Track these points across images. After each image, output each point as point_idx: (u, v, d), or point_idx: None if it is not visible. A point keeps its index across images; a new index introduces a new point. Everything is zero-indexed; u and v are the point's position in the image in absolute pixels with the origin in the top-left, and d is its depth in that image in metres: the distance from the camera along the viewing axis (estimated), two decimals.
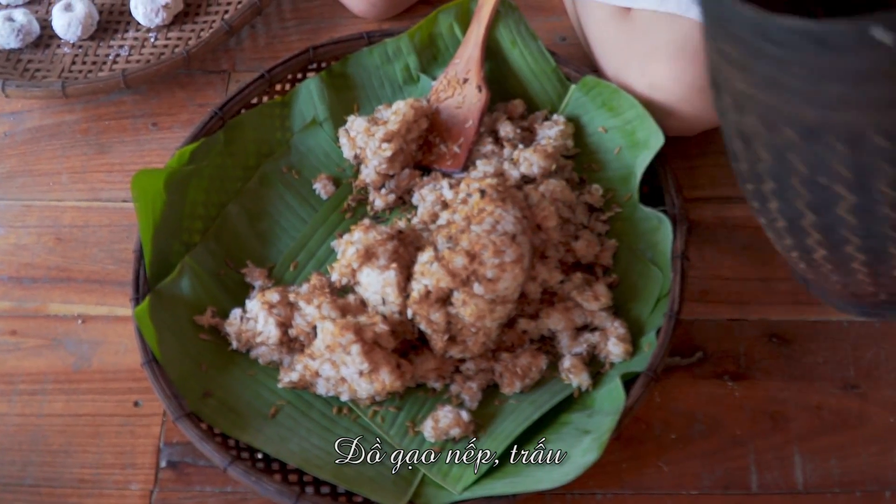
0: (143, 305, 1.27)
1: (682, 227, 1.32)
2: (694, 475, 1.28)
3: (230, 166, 1.44)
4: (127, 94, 1.64)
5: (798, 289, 1.41)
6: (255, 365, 1.32)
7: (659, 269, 1.32)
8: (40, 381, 1.38)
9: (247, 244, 1.42)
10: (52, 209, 1.53)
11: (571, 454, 1.19)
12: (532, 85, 1.50)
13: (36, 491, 1.31)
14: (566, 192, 1.37)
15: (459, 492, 1.20)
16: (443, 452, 1.25)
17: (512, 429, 1.24)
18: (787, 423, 1.32)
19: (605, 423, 1.19)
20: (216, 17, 1.69)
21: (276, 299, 1.31)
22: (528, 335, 1.32)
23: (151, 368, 1.25)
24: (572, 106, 1.48)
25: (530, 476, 1.19)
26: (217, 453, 1.20)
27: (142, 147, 1.59)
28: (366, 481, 1.22)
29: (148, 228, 1.33)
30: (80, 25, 1.65)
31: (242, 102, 1.47)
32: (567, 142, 1.44)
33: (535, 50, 1.50)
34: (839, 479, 1.28)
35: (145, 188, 1.33)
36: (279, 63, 1.49)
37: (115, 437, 1.34)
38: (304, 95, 1.51)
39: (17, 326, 1.43)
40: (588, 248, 1.35)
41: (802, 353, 1.37)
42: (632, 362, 1.27)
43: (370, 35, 1.53)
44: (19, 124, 1.63)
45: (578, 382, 1.28)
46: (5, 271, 1.48)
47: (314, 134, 1.49)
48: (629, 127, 1.41)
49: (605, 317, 1.31)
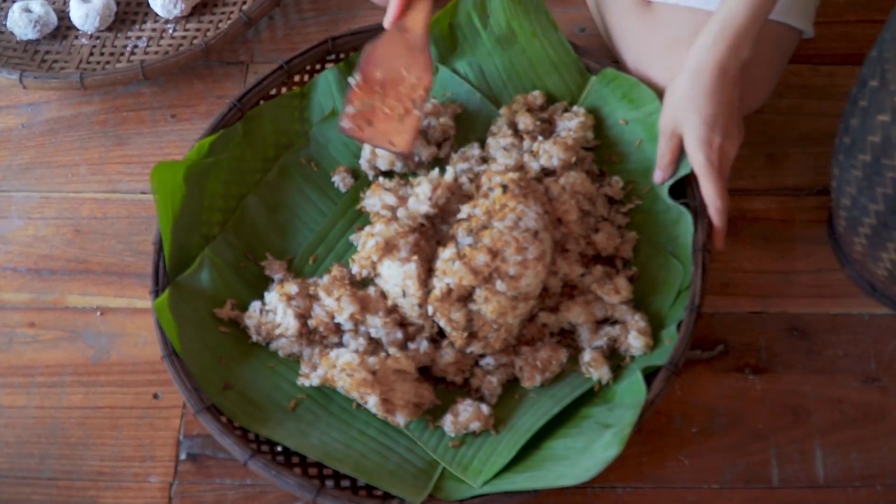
0: (163, 298, 1.27)
1: (703, 220, 1.31)
2: (715, 469, 1.28)
3: (249, 158, 1.44)
4: (145, 86, 1.64)
5: (819, 281, 1.40)
6: (275, 357, 1.32)
7: (680, 262, 1.32)
8: (59, 373, 1.38)
9: (266, 236, 1.41)
10: (71, 201, 1.53)
11: (592, 449, 1.19)
12: (552, 76, 1.49)
13: (54, 484, 1.31)
14: (586, 185, 1.36)
15: (479, 486, 1.20)
16: (463, 446, 1.25)
17: (532, 423, 1.24)
18: (808, 417, 1.31)
19: (627, 417, 1.19)
20: (234, 8, 1.68)
21: (296, 291, 1.31)
22: (549, 329, 1.32)
23: (172, 361, 1.25)
24: (592, 97, 1.47)
25: (551, 471, 1.19)
26: (237, 447, 1.20)
27: (160, 139, 1.59)
28: (386, 475, 1.21)
29: (167, 221, 1.33)
30: (98, 16, 1.65)
31: (261, 94, 1.46)
32: (587, 133, 1.43)
33: (555, 41, 1.49)
34: (860, 473, 1.28)
35: (164, 181, 1.33)
36: (298, 54, 1.49)
37: (135, 429, 1.34)
38: (322, 86, 1.50)
39: (35, 319, 1.43)
40: (608, 241, 1.35)
41: (823, 347, 1.36)
42: (652, 356, 1.27)
43: None
44: (37, 115, 1.62)
45: (599, 376, 1.27)
46: (24, 263, 1.48)
47: (333, 125, 1.48)
48: (650, 119, 1.40)
49: (626, 310, 1.30)
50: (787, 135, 1.53)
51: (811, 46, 1.56)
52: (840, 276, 1.41)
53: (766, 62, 1.39)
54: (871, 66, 1.17)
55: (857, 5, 1.66)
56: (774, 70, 1.43)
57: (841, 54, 1.60)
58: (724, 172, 1.30)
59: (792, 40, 1.44)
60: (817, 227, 1.45)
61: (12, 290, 1.46)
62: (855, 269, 1.38)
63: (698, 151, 1.27)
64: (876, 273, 1.32)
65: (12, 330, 1.42)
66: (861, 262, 1.34)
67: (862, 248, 1.30)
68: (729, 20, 1.23)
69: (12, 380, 1.38)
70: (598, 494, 1.27)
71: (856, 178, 1.22)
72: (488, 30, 1.49)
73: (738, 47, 1.24)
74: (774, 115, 1.54)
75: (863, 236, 1.27)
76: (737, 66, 1.25)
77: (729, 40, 1.23)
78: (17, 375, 1.38)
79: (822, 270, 1.42)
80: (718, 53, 1.24)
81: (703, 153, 1.27)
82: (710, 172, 1.28)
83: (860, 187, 1.21)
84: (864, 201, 1.22)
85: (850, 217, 1.27)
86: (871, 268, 1.32)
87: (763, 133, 1.52)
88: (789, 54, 1.46)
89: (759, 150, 1.51)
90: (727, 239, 1.36)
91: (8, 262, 1.48)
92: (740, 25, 1.22)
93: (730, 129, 1.28)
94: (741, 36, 1.23)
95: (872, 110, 1.15)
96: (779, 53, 1.42)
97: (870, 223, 1.24)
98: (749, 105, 1.41)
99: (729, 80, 1.25)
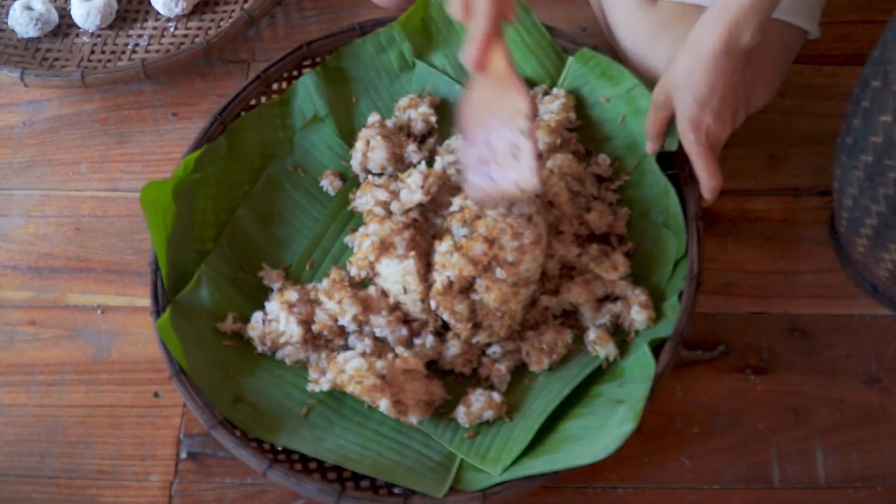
0: (165, 317, 1.27)
1: (695, 189, 1.32)
2: (716, 469, 1.28)
3: (235, 170, 1.44)
4: (146, 84, 1.64)
5: (820, 282, 1.40)
6: (282, 366, 1.32)
7: (672, 233, 1.32)
8: (59, 371, 1.38)
9: (260, 247, 1.41)
10: (72, 199, 1.53)
11: (608, 426, 1.18)
12: (528, 61, 1.49)
13: (54, 482, 1.31)
14: (573, 165, 1.37)
15: (499, 473, 1.20)
16: (478, 436, 1.25)
17: (544, 406, 1.24)
18: (809, 418, 1.31)
19: (638, 391, 1.19)
20: (235, 6, 1.68)
21: (296, 298, 1.31)
22: (551, 311, 1.32)
23: (180, 380, 1.24)
24: (571, 78, 1.48)
25: (569, 451, 1.18)
26: (255, 458, 1.19)
27: (161, 137, 1.59)
28: (405, 472, 1.22)
29: (161, 240, 1.32)
30: (99, 14, 1.65)
31: (241, 105, 1.46)
32: (569, 115, 1.43)
33: (529, 25, 1.49)
34: (861, 474, 1.28)
35: (154, 200, 1.33)
36: (274, 62, 1.49)
37: (135, 427, 1.34)
38: (301, 92, 1.50)
39: (36, 317, 1.43)
40: (601, 219, 1.35)
41: (824, 347, 1.36)
42: (657, 328, 1.27)
43: (362, 26, 1.52)
44: (38, 113, 1.62)
45: (605, 353, 1.28)
46: (24, 261, 1.48)
47: (316, 130, 1.48)
48: (631, 94, 1.41)
49: (626, 285, 1.31)
50: (788, 135, 1.53)
51: (813, 46, 1.56)
52: (841, 276, 1.41)
53: (771, 62, 1.39)
54: (873, 67, 1.17)
55: (860, 5, 1.66)
56: (779, 70, 1.43)
57: (843, 54, 1.60)
58: (715, 151, 1.30)
59: (797, 40, 1.44)
60: (819, 228, 1.45)
61: (13, 289, 1.46)
62: (856, 270, 1.38)
63: (688, 131, 1.27)
64: (877, 274, 1.32)
65: (13, 328, 1.42)
66: (863, 262, 1.34)
67: (863, 249, 1.30)
68: (732, 2, 1.22)
69: (13, 378, 1.38)
70: (598, 495, 1.27)
71: (858, 178, 1.22)
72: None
73: (739, 30, 1.22)
74: (776, 116, 1.53)
75: (864, 237, 1.27)
76: (737, 49, 1.23)
77: (730, 22, 1.22)
78: (18, 374, 1.38)
79: (824, 271, 1.41)
80: (718, 33, 1.22)
81: (692, 133, 1.27)
82: (699, 151, 1.28)
83: (862, 188, 1.21)
84: (866, 202, 1.22)
85: (852, 217, 1.27)
86: (872, 268, 1.32)
87: (765, 133, 1.52)
88: (794, 54, 1.45)
89: (761, 151, 1.51)
90: (728, 239, 1.37)
91: (8, 260, 1.48)
92: (743, 7, 1.21)
93: (722, 113, 1.27)
94: (743, 18, 1.22)
95: (875, 110, 1.15)
96: (784, 53, 1.42)
97: (871, 224, 1.24)
98: (754, 105, 1.41)
99: (728, 62, 1.24)
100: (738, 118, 1.31)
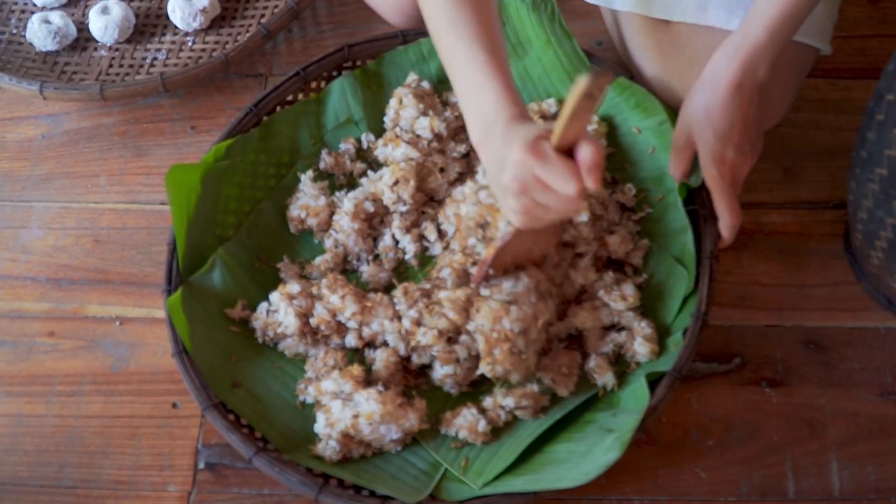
0: (176, 296, 1.29)
1: (713, 228, 1.32)
2: (731, 482, 1.28)
3: (264, 163, 1.46)
4: (165, 98, 1.65)
5: (835, 295, 1.40)
6: (283, 357, 1.34)
7: (684, 268, 1.32)
8: (78, 382, 1.39)
9: (280, 240, 1.43)
10: (91, 211, 1.54)
11: (593, 453, 1.19)
12: (566, 84, 1.49)
13: (72, 492, 1.31)
14: (599, 190, 1.37)
15: (480, 487, 1.21)
16: (465, 447, 1.26)
17: (535, 427, 1.25)
18: (825, 430, 1.31)
19: (629, 423, 1.19)
20: (253, 21, 1.69)
21: (297, 290, 1.32)
22: (556, 335, 1.32)
23: (181, 359, 1.27)
24: (606, 106, 1.48)
25: (551, 474, 1.19)
26: (243, 444, 1.21)
27: (180, 150, 1.60)
28: (387, 478, 1.23)
29: (182, 221, 1.35)
30: (117, 28, 1.66)
31: (278, 100, 1.48)
32: (601, 141, 1.44)
33: (569, 49, 1.49)
34: (875, 486, 1.28)
35: (180, 182, 1.35)
36: (314, 61, 1.51)
37: (153, 438, 1.34)
38: (337, 93, 1.51)
39: (55, 328, 1.44)
40: (621, 245, 1.35)
41: (839, 360, 1.36)
42: (658, 362, 1.28)
43: (405, 34, 1.54)
44: (57, 126, 1.64)
45: (603, 382, 1.28)
46: (44, 273, 1.49)
47: (347, 132, 1.49)
48: (662, 128, 1.41)
49: (633, 317, 1.31)
50: (803, 148, 1.53)
51: (828, 61, 1.56)
52: (856, 289, 1.41)
53: (783, 80, 1.39)
54: (887, 80, 1.18)
55: (874, 20, 1.66)
56: (792, 88, 1.43)
57: (857, 69, 1.61)
58: (737, 187, 1.30)
59: (809, 58, 1.44)
60: (834, 241, 1.45)
61: (32, 300, 1.47)
62: (871, 283, 1.39)
63: (711, 166, 1.28)
64: (892, 286, 1.32)
65: (32, 339, 1.43)
66: (877, 275, 1.34)
67: (878, 262, 1.30)
68: (748, 38, 1.23)
69: (32, 388, 1.39)
70: None
71: (872, 191, 1.22)
72: (504, 38, 1.50)
73: (755, 66, 1.23)
74: (791, 129, 1.54)
75: (879, 250, 1.27)
76: (753, 83, 1.25)
77: (746, 58, 1.23)
78: (37, 384, 1.39)
79: (839, 284, 1.42)
80: (735, 69, 1.24)
81: (716, 168, 1.28)
82: (721, 188, 1.29)
83: (877, 201, 1.22)
84: (881, 215, 1.22)
85: (867, 231, 1.28)
86: (887, 281, 1.32)
87: (780, 147, 1.52)
88: (806, 72, 1.46)
89: (776, 164, 1.51)
90: (743, 252, 1.37)
91: (28, 271, 1.49)
92: (758, 44, 1.22)
93: (742, 146, 1.28)
94: (759, 55, 1.23)
95: (889, 124, 1.16)
96: (796, 72, 1.42)
97: (886, 237, 1.24)
98: (766, 122, 1.41)
99: (744, 96, 1.25)
100: (756, 149, 1.32)
